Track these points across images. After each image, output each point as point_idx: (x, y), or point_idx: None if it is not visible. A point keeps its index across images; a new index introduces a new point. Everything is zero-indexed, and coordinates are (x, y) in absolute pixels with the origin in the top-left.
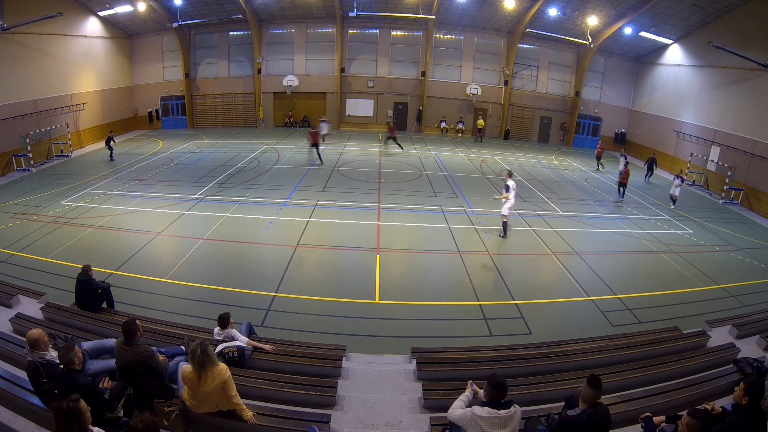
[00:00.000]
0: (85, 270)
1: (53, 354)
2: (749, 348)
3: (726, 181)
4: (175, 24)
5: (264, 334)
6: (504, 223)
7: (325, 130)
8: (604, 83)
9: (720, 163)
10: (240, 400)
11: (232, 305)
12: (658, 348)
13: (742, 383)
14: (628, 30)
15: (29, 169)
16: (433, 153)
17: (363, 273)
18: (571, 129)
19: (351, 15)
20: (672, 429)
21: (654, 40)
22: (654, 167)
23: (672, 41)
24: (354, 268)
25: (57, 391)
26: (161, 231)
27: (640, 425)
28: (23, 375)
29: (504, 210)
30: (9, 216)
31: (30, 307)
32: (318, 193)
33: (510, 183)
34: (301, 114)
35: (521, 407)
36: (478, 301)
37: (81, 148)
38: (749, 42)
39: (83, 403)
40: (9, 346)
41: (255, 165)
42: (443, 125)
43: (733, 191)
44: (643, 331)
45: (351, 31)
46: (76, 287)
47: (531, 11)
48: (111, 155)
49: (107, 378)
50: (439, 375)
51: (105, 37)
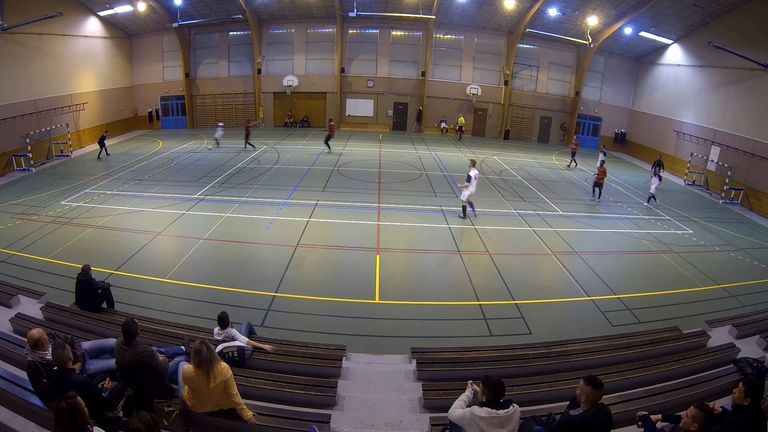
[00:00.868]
0: (85, 270)
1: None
2: (749, 348)
3: (726, 181)
4: (175, 24)
5: (264, 334)
6: (463, 207)
7: (219, 133)
8: (604, 83)
9: (720, 163)
10: (240, 399)
11: (232, 305)
12: (658, 348)
13: (741, 384)
14: (628, 30)
15: (29, 169)
16: (433, 153)
17: (363, 273)
18: (571, 129)
19: (351, 15)
20: (670, 428)
21: (654, 40)
22: (661, 170)
23: (672, 41)
24: (354, 268)
25: (52, 392)
26: (161, 231)
27: (636, 424)
28: (23, 375)
29: (463, 196)
30: (9, 216)
31: (30, 307)
32: (318, 193)
33: (472, 173)
34: (301, 114)
35: (521, 407)
36: (478, 301)
37: (81, 148)
38: (749, 42)
39: (80, 399)
40: (9, 346)
41: (255, 165)
42: (443, 125)
43: (733, 191)
44: (643, 331)
45: (351, 31)
46: (76, 287)
47: (531, 11)
48: (100, 154)
49: (108, 378)
50: (439, 375)
51: (105, 37)
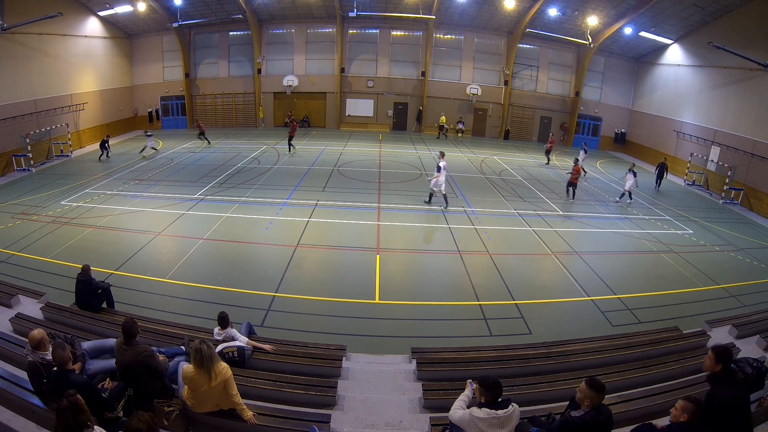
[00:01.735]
0: (85, 270)
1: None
2: (749, 348)
3: (726, 181)
4: (175, 24)
5: (264, 334)
6: (430, 194)
7: (151, 143)
8: (604, 83)
9: (720, 163)
10: (240, 399)
11: (232, 305)
12: (658, 348)
13: (710, 352)
14: (628, 30)
15: (29, 169)
16: (433, 153)
17: (363, 273)
18: (571, 129)
19: (351, 15)
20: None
21: (654, 40)
22: (665, 174)
23: (672, 41)
24: (354, 268)
25: (52, 392)
26: (161, 231)
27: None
28: (23, 375)
29: (432, 184)
30: (9, 216)
31: (30, 307)
32: (318, 193)
33: (441, 164)
34: (301, 114)
35: (521, 407)
36: (478, 301)
37: (81, 148)
38: (749, 42)
39: (80, 397)
40: (9, 346)
41: (255, 165)
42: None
43: (733, 191)
44: (643, 331)
45: (351, 31)
46: (76, 287)
47: (531, 11)
48: (101, 156)
49: (108, 378)
50: (439, 375)
51: (105, 37)
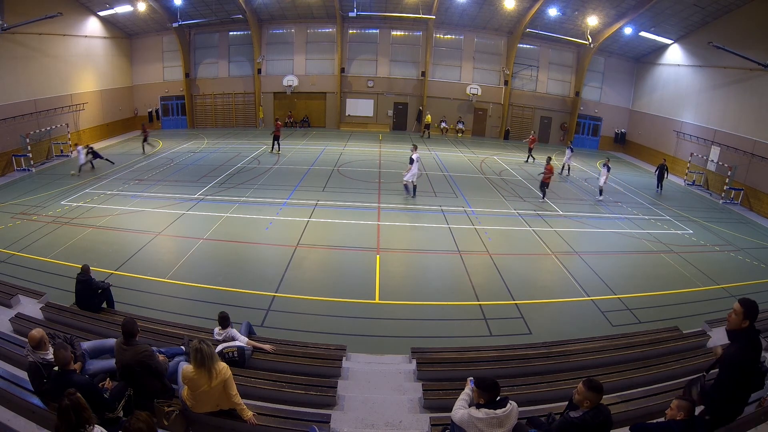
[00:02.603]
0: (85, 270)
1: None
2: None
3: (726, 181)
4: (175, 24)
5: (264, 334)
6: (405, 186)
7: (82, 159)
8: (604, 83)
9: (720, 163)
10: (240, 399)
11: (232, 305)
12: (658, 348)
13: (738, 306)
14: (628, 30)
15: (29, 169)
16: (433, 153)
17: (363, 273)
18: (571, 129)
19: (351, 15)
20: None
21: (654, 40)
22: (666, 175)
23: (672, 41)
24: (354, 268)
25: (52, 392)
26: (161, 231)
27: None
28: (23, 375)
29: (407, 177)
30: (9, 216)
31: (30, 307)
32: (318, 193)
33: (414, 156)
34: (301, 114)
35: (521, 407)
36: (478, 301)
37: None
38: (749, 42)
39: (81, 396)
40: (9, 346)
41: (255, 165)
42: (443, 125)
43: (733, 191)
44: (643, 331)
45: (351, 31)
46: (76, 287)
47: (531, 11)
48: (81, 166)
49: (108, 379)
50: (439, 375)
51: (105, 37)
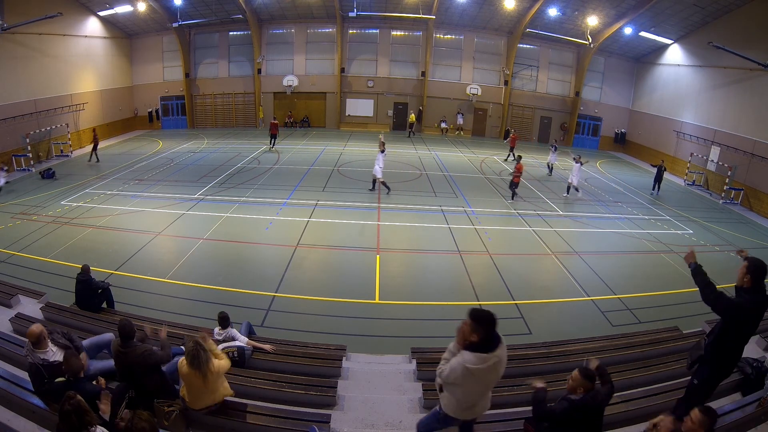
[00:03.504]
0: (85, 270)
1: (54, 349)
2: (749, 348)
3: (726, 181)
4: (175, 24)
5: (264, 334)
6: (373, 181)
7: (2, 181)
8: (604, 83)
9: (720, 163)
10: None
11: (232, 305)
12: (658, 348)
13: (745, 264)
14: (628, 30)
15: (29, 169)
16: (433, 153)
17: (363, 273)
18: (571, 129)
19: (351, 15)
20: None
21: (654, 40)
22: (662, 176)
23: (672, 41)
24: (354, 268)
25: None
26: (161, 231)
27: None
28: (23, 375)
29: (376, 172)
30: (9, 216)
31: (30, 307)
32: (318, 193)
33: (381, 152)
34: (301, 114)
35: (521, 407)
36: (478, 301)
37: (81, 148)
38: (749, 42)
39: (81, 398)
40: (9, 346)
41: (255, 165)
42: (443, 125)
43: (733, 191)
44: (643, 331)
45: (351, 31)
46: (76, 287)
47: (531, 11)
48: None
49: (100, 377)
50: None
51: (105, 37)
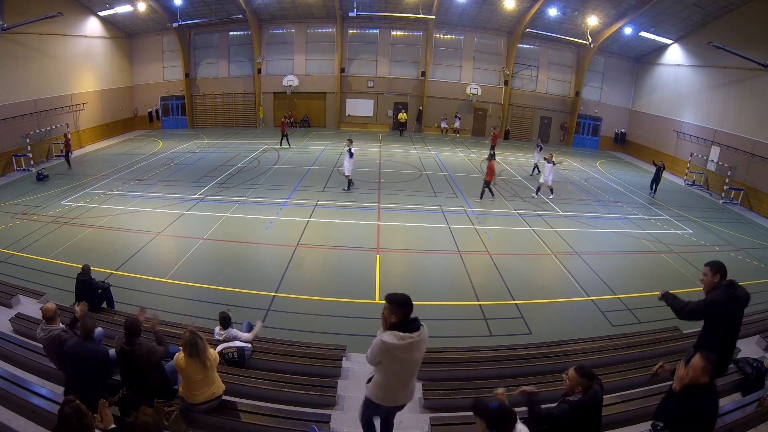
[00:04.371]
0: (85, 270)
1: (62, 325)
2: (749, 348)
3: (726, 181)
4: (175, 24)
5: (264, 334)
6: (348, 180)
7: None
8: (604, 83)
9: (720, 163)
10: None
11: (232, 305)
12: (658, 348)
13: (708, 268)
14: (628, 30)
15: (29, 169)
16: (433, 153)
17: (363, 273)
18: (571, 129)
19: (351, 15)
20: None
21: (654, 40)
22: (660, 176)
23: (672, 41)
24: (354, 268)
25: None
26: (161, 231)
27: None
28: (23, 375)
29: (346, 170)
30: (9, 216)
31: (30, 307)
32: (318, 193)
33: (353, 149)
34: (301, 114)
35: (521, 407)
36: (478, 301)
37: (81, 148)
38: (749, 42)
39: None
40: (9, 346)
41: (255, 165)
42: (443, 125)
43: (733, 191)
44: (643, 331)
45: (351, 31)
46: (76, 287)
47: (531, 11)
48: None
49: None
50: (439, 375)
51: (105, 37)
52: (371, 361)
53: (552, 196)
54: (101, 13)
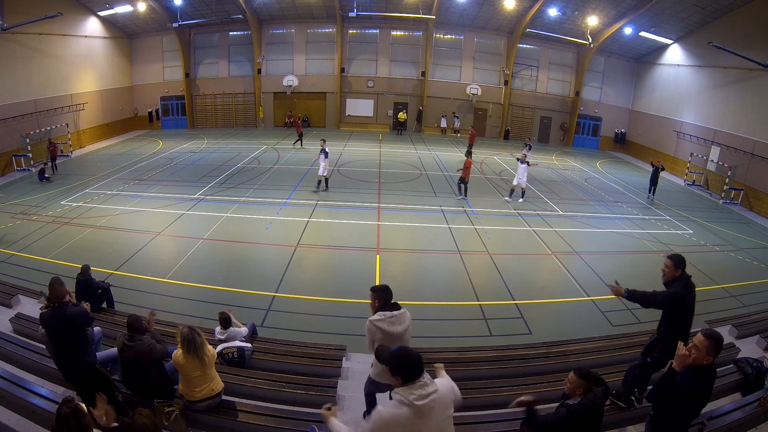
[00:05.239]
0: (85, 270)
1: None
2: (749, 348)
3: (726, 181)
4: (175, 24)
5: (264, 334)
6: (325, 180)
7: None
8: (604, 83)
9: (720, 163)
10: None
11: (232, 305)
12: None
13: (668, 261)
14: (628, 30)
15: (29, 169)
16: (433, 153)
17: (363, 273)
18: (571, 129)
19: (351, 15)
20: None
21: (654, 40)
22: (657, 177)
23: (672, 41)
24: (354, 268)
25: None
26: (161, 231)
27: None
28: (23, 375)
29: (322, 171)
30: (9, 216)
31: (30, 307)
32: (318, 193)
33: (327, 148)
34: (302, 114)
35: (521, 407)
36: (478, 301)
37: (81, 148)
38: (749, 42)
39: (79, 403)
40: (9, 346)
41: (255, 165)
42: (443, 124)
43: (733, 191)
44: (643, 331)
45: (351, 31)
46: (75, 287)
47: (531, 11)
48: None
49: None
50: None
51: (105, 37)
52: (369, 345)
53: (521, 200)
54: (101, 13)
